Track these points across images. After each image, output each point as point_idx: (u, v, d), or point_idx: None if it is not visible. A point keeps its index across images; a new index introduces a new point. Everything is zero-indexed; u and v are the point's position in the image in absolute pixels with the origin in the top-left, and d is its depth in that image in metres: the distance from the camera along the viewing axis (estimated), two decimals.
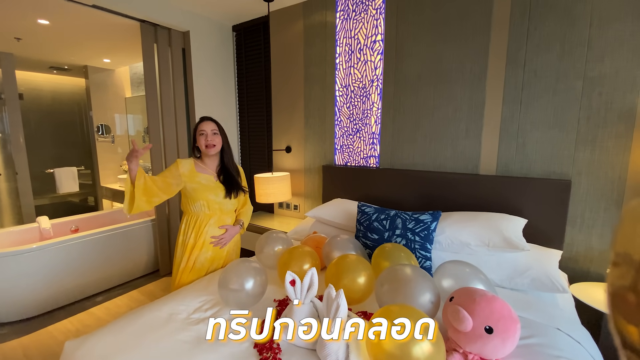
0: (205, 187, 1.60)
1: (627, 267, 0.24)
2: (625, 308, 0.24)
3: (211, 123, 1.61)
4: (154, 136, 2.73)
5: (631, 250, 0.24)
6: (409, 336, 0.84)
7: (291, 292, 1.09)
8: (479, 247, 1.54)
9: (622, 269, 0.25)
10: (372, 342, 0.88)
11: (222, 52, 3.04)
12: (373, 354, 0.88)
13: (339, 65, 2.48)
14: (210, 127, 1.59)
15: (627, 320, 0.24)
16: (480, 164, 2.01)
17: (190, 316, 1.23)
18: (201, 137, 1.58)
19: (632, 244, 0.24)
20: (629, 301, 0.24)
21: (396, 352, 0.83)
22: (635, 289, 0.24)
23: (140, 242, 2.83)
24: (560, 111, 1.75)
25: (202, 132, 1.58)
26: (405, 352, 0.83)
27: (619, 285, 0.25)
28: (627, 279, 0.24)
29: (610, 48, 1.60)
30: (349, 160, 2.53)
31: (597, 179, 1.69)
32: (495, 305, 1.00)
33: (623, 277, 0.25)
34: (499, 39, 1.87)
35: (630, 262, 0.24)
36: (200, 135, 1.58)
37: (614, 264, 0.26)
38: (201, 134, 1.58)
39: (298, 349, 1.04)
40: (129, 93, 4.26)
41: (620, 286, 0.25)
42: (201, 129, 1.58)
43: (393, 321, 0.87)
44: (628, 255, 0.24)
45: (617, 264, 0.25)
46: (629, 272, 0.24)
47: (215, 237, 1.64)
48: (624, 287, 0.24)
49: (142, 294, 2.57)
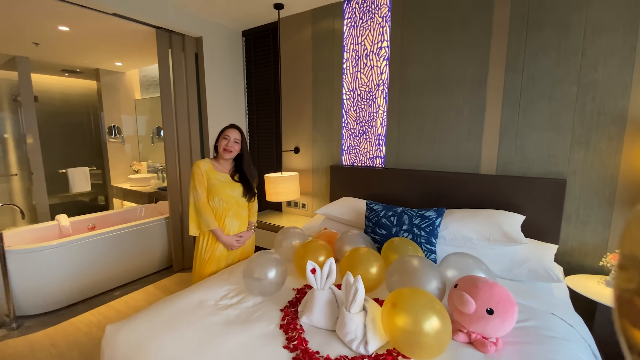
0: (224, 184, 1.73)
1: (634, 271, 0.24)
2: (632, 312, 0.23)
3: (236, 132, 1.75)
4: (168, 137, 2.85)
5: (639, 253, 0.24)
6: (420, 314, 0.96)
7: (312, 279, 1.21)
8: (480, 241, 1.66)
9: (630, 273, 0.24)
10: (388, 319, 1.00)
11: (233, 57, 3.16)
12: (389, 330, 1.00)
13: (346, 70, 2.60)
14: (234, 136, 1.74)
15: (633, 324, 0.23)
16: (481, 164, 2.13)
17: (218, 303, 1.35)
18: (223, 140, 1.71)
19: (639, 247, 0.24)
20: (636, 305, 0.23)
21: (409, 328, 0.95)
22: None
23: (155, 239, 2.95)
24: (556, 115, 1.88)
25: (227, 137, 1.72)
26: (418, 328, 0.95)
27: (626, 288, 0.24)
28: (635, 283, 0.24)
29: (603, 56, 1.72)
30: (355, 161, 2.65)
31: (590, 179, 1.81)
32: (495, 290, 1.12)
33: (630, 281, 0.24)
34: (499, 47, 1.99)
35: (637, 265, 0.24)
36: (223, 139, 1.71)
37: (620, 267, 0.25)
38: (225, 138, 1.71)
39: (319, 330, 1.16)
40: (138, 95, 4.38)
41: (627, 289, 0.24)
42: (226, 133, 1.72)
43: (405, 302, 1.00)
44: (636, 259, 0.24)
45: (624, 267, 0.25)
46: (636, 275, 0.24)
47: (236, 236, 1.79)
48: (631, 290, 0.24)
49: (158, 289, 2.69)
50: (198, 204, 1.72)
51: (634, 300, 0.24)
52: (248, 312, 1.28)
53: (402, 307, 0.98)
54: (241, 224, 1.80)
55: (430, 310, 0.98)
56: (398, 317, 0.98)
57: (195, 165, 1.74)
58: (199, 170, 1.72)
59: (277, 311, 1.29)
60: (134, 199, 3.93)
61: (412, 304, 0.99)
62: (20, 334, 2.13)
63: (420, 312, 0.97)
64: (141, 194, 3.80)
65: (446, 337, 0.98)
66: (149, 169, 4.43)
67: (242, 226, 1.80)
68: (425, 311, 0.98)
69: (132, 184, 4.07)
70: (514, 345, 1.10)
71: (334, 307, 1.18)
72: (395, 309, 0.99)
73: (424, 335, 0.94)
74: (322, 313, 1.16)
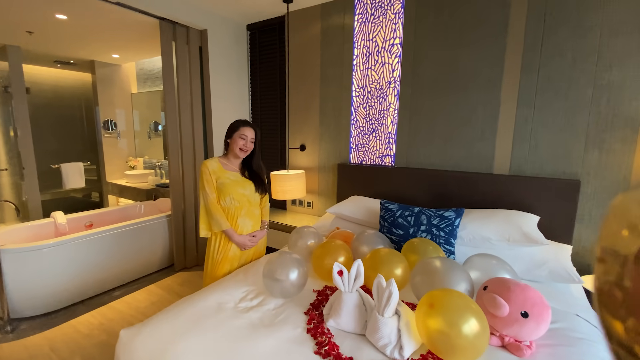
0: (235, 183, 1.67)
1: (612, 263, 0.24)
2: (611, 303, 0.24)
3: (253, 131, 1.70)
4: (171, 132, 2.76)
5: (616, 245, 0.24)
6: (458, 316, 0.93)
7: (339, 281, 1.17)
8: (499, 241, 1.65)
9: (608, 265, 0.25)
10: (424, 321, 0.98)
11: (237, 51, 3.09)
12: (425, 333, 0.98)
13: (356, 67, 2.56)
14: (251, 135, 1.69)
15: (612, 315, 0.24)
16: (494, 164, 2.12)
17: (238, 305, 1.30)
18: (240, 140, 1.65)
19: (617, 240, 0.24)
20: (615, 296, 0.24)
21: (447, 329, 0.93)
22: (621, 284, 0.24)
23: (156, 237, 2.87)
24: (571, 115, 1.88)
25: (244, 136, 1.66)
26: (456, 330, 0.92)
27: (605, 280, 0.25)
28: (613, 275, 0.24)
29: (618, 58, 1.72)
30: (364, 159, 2.62)
31: (604, 179, 1.82)
32: (528, 292, 1.11)
33: (608, 273, 0.25)
34: (515, 46, 1.98)
35: (615, 257, 0.24)
36: (240, 139, 1.65)
37: (599, 260, 0.26)
38: (242, 138, 1.65)
39: (347, 334, 1.13)
40: (135, 89, 4.25)
41: (606, 281, 0.25)
42: (244, 132, 1.66)
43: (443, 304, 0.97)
44: (613, 251, 0.24)
45: (603, 260, 0.25)
46: (614, 267, 0.24)
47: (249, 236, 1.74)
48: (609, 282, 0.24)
49: (160, 288, 2.61)
50: (208, 204, 1.66)
51: (612, 291, 0.24)
52: (271, 315, 1.23)
53: (440, 308, 0.96)
54: (254, 223, 1.75)
55: (468, 311, 0.96)
56: (436, 319, 0.95)
57: (202, 166, 1.68)
58: (207, 170, 1.66)
59: (300, 314, 1.25)
60: (131, 196, 3.82)
61: (450, 304, 0.96)
62: (16, 337, 2.03)
63: (459, 313, 0.94)
64: (138, 191, 3.69)
65: (485, 340, 0.96)
66: (146, 165, 4.31)
67: (255, 225, 1.75)
68: (463, 312, 0.96)
69: (129, 181, 3.96)
70: (547, 348, 1.08)
71: (362, 310, 1.15)
72: (433, 310, 0.96)
73: (463, 337, 0.92)
74: (351, 317, 1.13)
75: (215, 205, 1.66)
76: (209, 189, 1.66)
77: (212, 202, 1.66)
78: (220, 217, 1.64)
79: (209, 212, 1.66)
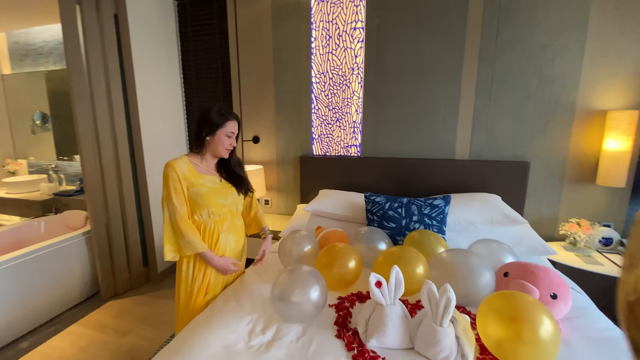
0: (213, 191, 1.33)
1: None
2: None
3: (237, 126, 1.36)
4: (83, 125, 2.12)
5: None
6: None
7: (379, 295, 1.03)
8: (483, 224, 1.74)
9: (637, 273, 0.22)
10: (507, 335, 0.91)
11: (163, 24, 2.54)
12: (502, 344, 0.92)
13: (315, 50, 2.36)
14: (237, 132, 1.36)
15: None
16: (456, 150, 2.23)
17: (250, 344, 1.04)
18: (227, 139, 1.32)
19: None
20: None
21: (535, 340, 0.88)
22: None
23: (71, 261, 2.21)
24: (520, 104, 2.07)
25: (231, 134, 1.32)
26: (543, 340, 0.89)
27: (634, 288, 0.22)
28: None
29: (560, 52, 1.96)
30: (328, 150, 2.47)
31: (546, 160, 2.08)
32: (551, 274, 1.16)
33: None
34: (473, 37, 2.07)
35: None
36: (227, 137, 1.32)
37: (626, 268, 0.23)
38: (228, 136, 1.32)
39: (394, 352, 1.00)
40: (7, 69, 3.17)
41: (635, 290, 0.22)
42: (231, 130, 1.32)
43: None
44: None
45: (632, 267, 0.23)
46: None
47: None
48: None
49: (88, 327, 2.04)
50: (176, 220, 1.27)
51: None
52: (299, 349, 1.02)
53: (525, 321, 0.90)
54: (238, 238, 1.43)
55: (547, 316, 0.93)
56: (523, 333, 0.89)
57: (169, 169, 1.27)
58: (175, 176, 1.27)
59: (331, 338, 1.07)
60: (17, 211, 2.89)
61: (532, 317, 0.91)
62: None
63: (540, 323, 0.90)
64: (29, 203, 2.81)
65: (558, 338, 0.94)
66: (33, 169, 3.32)
67: (239, 240, 1.44)
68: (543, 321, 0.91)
69: (10, 190, 2.98)
70: (566, 322, 1.15)
71: (406, 322, 1.03)
72: (517, 324, 0.90)
73: (548, 346, 0.89)
74: (397, 332, 1.00)
75: (186, 222, 1.29)
76: (177, 200, 1.28)
77: (181, 217, 1.28)
78: (194, 237, 1.28)
79: (178, 230, 1.28)
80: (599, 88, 1.92)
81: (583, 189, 2.04)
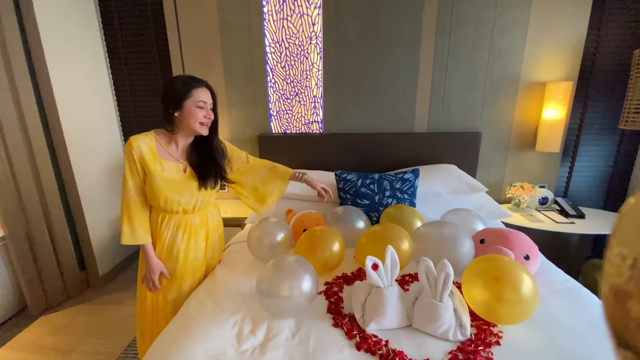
0: (168, 183, 1.14)
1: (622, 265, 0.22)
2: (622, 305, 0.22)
3: (209, 94, 1.16)
4: None
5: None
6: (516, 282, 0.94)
7: (375, 277, 0.99)
8: (448, 194, 1.81)
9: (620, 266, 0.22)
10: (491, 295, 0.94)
11: None
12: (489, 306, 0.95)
13: (267, 16, 2.13)
14: (210, 101, 1.16)
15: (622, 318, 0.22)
16: (415, 124, 2.27)
17: (241, 349, 0.93)
18: (199, 110, 1.11)
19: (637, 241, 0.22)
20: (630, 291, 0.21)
21: (517, 299, 0.93)
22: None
23: None
24: (473, 76, 2.16)
25: (202, 104, 1.12)
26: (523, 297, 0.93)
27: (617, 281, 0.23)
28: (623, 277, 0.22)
29: (508, 27, 2.05)
30: (288, 127, 2.33)
31: (494, 130, 2.23)
32: (522, 237, 1.24)
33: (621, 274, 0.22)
34: (431, 9, 2.06)
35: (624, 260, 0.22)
36: (198, 109, 1.11)
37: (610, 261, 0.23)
38: (199, 107, 1.11)
39: (393, 332, 0.99)
40: None
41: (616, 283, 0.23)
42: (200, 99, 1.11)
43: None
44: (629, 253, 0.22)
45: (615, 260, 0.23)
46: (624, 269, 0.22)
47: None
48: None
49: (20, 350, 1.70)
50: (127, 201, 1.13)
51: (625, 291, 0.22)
52: (297, 346, 0.94)
53: (508, 281, 0.94)
54: (194, 242, 1.24)
55: (526, 276, 0.97)
56: (506, 292, 0.93)
57: (127, 145, 1.11)
58: (132, 154, 1.10)
59: (329, 328, 1.01)
60: None
61: (512, 275, 0.95)
62: None
63: (521, 281, 0.95)
64: None
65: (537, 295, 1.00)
66: None
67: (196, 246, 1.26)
68: (523, 279, 0.96)
69: None
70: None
71: (403, 301, 1.02)
72: (501, 284, 0.94)
73: (531, 302, 0.94)
74: (395, 312, 0.99)
75: (135, 206, 1.14)
76: (132, 181, 1.13)
77: (133, 200, 1.13)
78: (139, 226, 1.14)
79: (126, 213, 1.13)
80: (540, 61, 2.08)
81: (524, 155, 2.24)
